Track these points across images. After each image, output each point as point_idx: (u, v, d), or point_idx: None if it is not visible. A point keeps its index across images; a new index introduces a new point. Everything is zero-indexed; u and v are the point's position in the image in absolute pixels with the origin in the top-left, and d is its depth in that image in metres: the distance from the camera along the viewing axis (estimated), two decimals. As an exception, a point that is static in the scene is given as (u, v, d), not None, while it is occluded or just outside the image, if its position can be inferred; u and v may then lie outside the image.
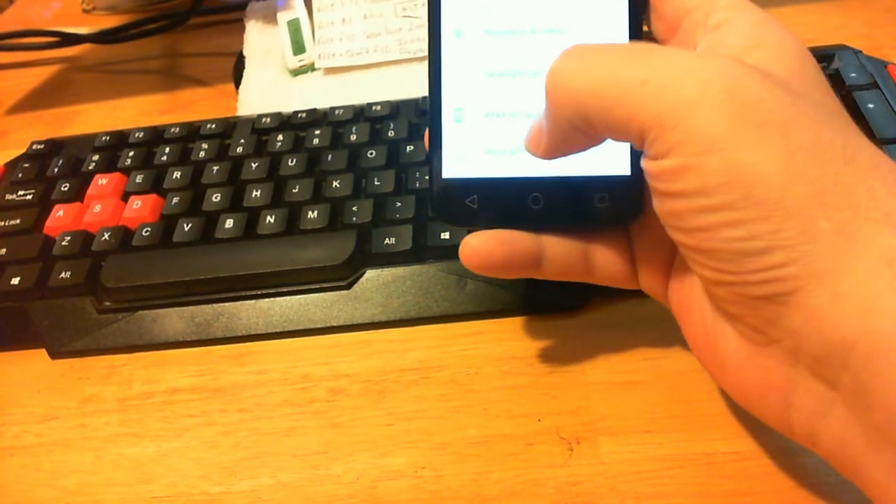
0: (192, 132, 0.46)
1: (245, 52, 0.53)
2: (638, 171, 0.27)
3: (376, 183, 0.40)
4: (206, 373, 0.36)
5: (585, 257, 0.29)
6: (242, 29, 0.56)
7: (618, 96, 0.23)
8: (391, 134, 0.42)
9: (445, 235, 0.37)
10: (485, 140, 0.29)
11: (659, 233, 0.28)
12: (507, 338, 0.35)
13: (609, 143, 0.27)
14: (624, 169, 0.29)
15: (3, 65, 0.67)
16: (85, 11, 0.73)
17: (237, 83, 0.53)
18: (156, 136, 0.46)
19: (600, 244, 0.29)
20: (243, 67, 0.53)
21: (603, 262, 0.29)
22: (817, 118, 0.22)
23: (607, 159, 0.29)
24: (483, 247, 0.28)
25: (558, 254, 0.29)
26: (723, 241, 0.22)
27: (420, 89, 0.44)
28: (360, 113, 0.45)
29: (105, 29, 0.65)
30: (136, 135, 0.46)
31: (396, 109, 0.44)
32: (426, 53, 0.30)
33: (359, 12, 0.50)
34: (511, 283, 0.35)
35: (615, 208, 0.29)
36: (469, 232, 0.29)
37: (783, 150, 0.21)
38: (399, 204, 0.38)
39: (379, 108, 0.44)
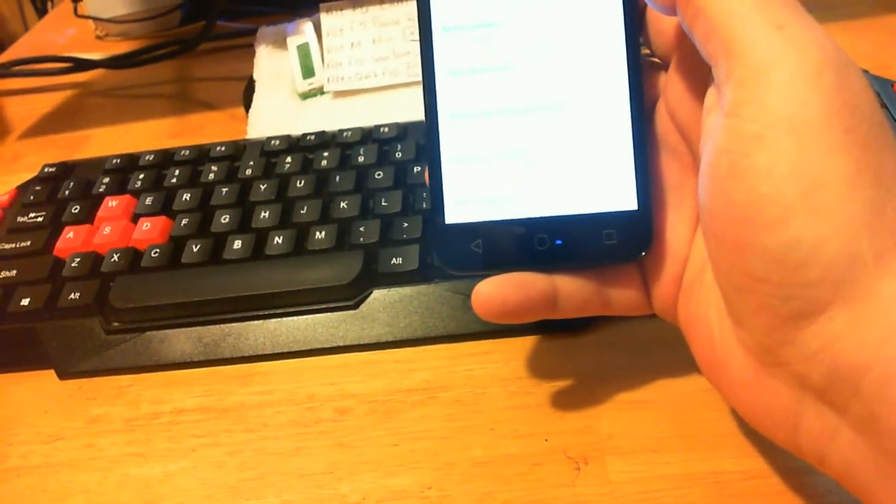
0: (201, 155, 0.46)
1: (255, 77, 0.54)
2: (645, 203, 0.28)
3: (384, 204, 0.40)
4: (213, 393, 0.36)
5: (600, 291, 0.29)
6: (252, 54, 0.57)
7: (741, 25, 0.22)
8: (399, 155, 0.43)
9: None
10: (487, 182, 0.29)
11: (666, 252, 0.28)
12: (514, 358, 0.35)
13: (613, 175, 0.27)
14: (630, 203, 0.28)
15: (17, 90, 0.68)
16: (98, 38, 0.74)
17: (247, 107, 0.54)
18: (166, 158, 0.47)
19: (613, 276, 0.29)
20: (253, 91, 0.54)
21: (618, 293, 0.29)
22: (885, 140, 0.22)
23: (613, 194, 0.28)
24: (497, 293, 0.27)
25: (572, 291, 0.28)
26: (768, 239, 0.21)
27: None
28: (368, 135, 0.45)
29: (117, 54, 0.66)
30: (147, 157, 0.47)
31: (404, 131, 0.45)
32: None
33: (367, 36, 0.51)
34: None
35: (624, 243, 0.28)
36: (478, 279, 0.28)
37: (857, 163, 0.21)
38: (406, 224, 0.38)
39: (387, 129, 0.45)
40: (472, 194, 0.29)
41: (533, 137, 0.29)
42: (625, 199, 0.28)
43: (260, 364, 0.37)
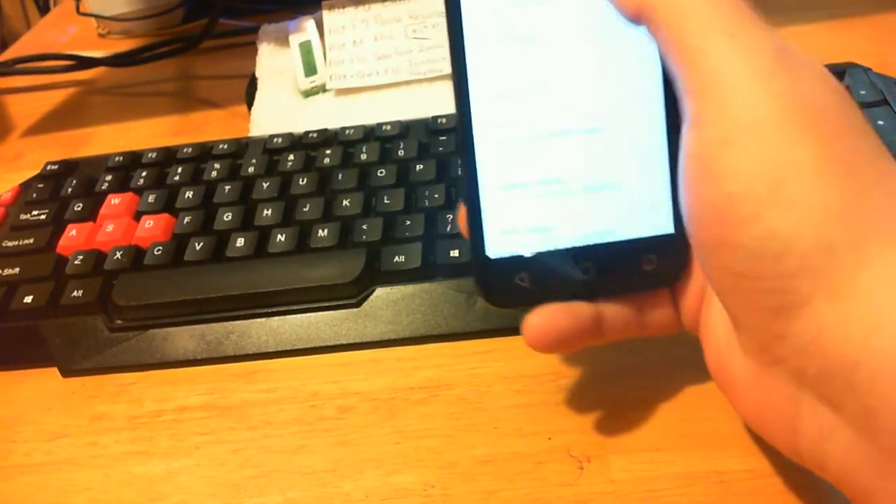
0: (204, 152, 0.46)
1: (257, 74, 0.54)
2: (681, 226, 0.27)
3: (386, 201, 0.40)
4: (217, 391, 0.36)
5: (638, 314, 0.28)
6: (255, 52, 0.57)
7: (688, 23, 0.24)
8: (401, 153, 0.43)
9: (455, 253, 0.37)
10: (528, 211, 0.27)
11: (693, 270, 0.28)
12: (517, 356, 0.34)
13: (651, 199, 0.27)
14: (668, 227, 0.27)
15: (19, 88, 0.68)
16: (101, 36, 0.74)
17: (249, 105, 0.54)
18: (168, 156, 0.47)
19: (648, 298, 0.29)
20: (255, 89, 0.54)
21: (653, 315, 0.29)
22: (857, 131, 0.22)
23: (652, 219, 0.27)
24: (550, 323, 0.27)
25: (616, 317, 0.28)
26: (743, 235, 0.22)
27: (429, 108, 0.44)
28: (371, 133, 0.45)
29: (119, 52, 0.66)
30: (149, 155, 0.47)
31: (406, 129, 0.45)
32: (435, 73, 0.29)
33: (369, 34, 0.51)
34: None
35: (664, 268, 0.28)
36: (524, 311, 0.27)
37: (825, 155, 0.21)
38: (408, 222, 0.38)
39: (389, 127, 0.45)
40: (513, 225, 0.27)
41: (572, 162, 0.27)
42: (663, 222, 0.27)
43: (263, 362, 0.37)
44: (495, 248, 0.28)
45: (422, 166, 0.41)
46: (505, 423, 0.32)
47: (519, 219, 0.28)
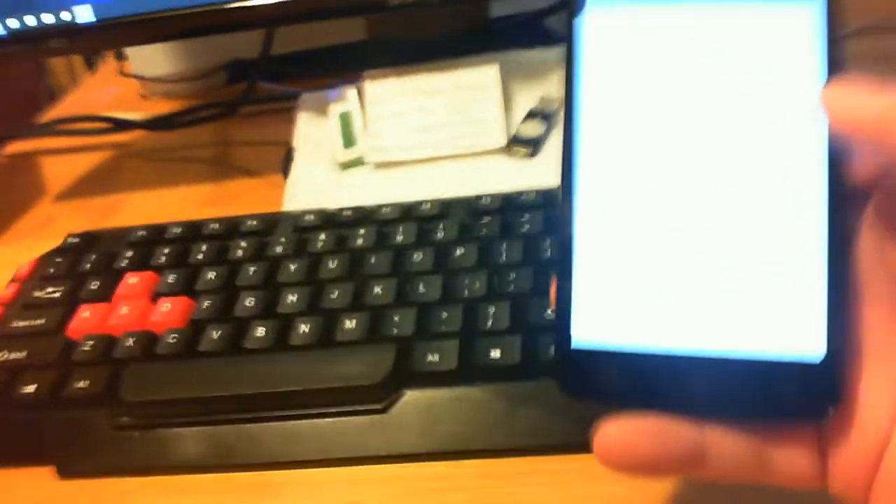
0: (231, 228, 0.43)
1: (294, 144, 0.51)
2: (835, 352, 0.21)
3: (421, 290, 0.36)
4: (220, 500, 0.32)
5: (761, 452, 0.23)
6: (294, 118, 0.54)
7: None
8: (440, 235, 0.39)
9: (496, 354, 0.33)
10: (631, 299, 0.23)
11: (859, 419, 0.22)
12: (570, 479, 0.30)
13: (796, 312, 0.22)
14: (816, 349, 0.22)
15: (57, 150, 0.66)
16: (142, 97, 0.73)
17: (286, 174, 0.51)
18: (193, 231, 0.44)
19: (780, 437, 0.23)
20: (292, 160, 0.51)
21: (783, 459, 0.23)
22: None
23: (794, 336, 0.22)
24: (627, 439, 0.22)
25: (727, 448, 0.22)
26: None
27: (472, 186, 0.41)
28: (408, 212, 0.41)
29: (157, 116, 0.64)
30: (174, 230, 0.44)
31: (447, 208, 0.41)
32: (478, 148, 0.25)
33: (412, 106, 0.48)
34: (574, 411, 0.30)
35: (803, 400, 0.22)
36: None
37: None
38: (445, 314, 0.34)
39: (429, 206, 0.41)
40: (610, 312, 0.23)
41: (697, 252, 0.23)
42: (809, 343, 0.22)
43: (276, 473, 0.32)
44: (584, 334, 0.23)
45: (462, 250, 0.38)
46: (550, 564, 0.27)
47: (618, 305, 0.23)
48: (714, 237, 0.22)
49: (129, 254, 0.43)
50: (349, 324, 0.35)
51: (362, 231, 0.40)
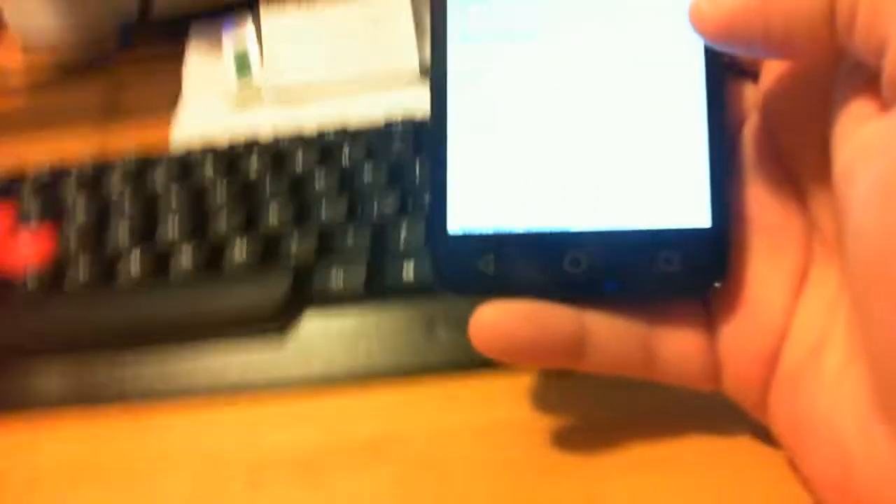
0: (105, 166, 0.38)
1: (183, 81, 0.46)
2: (721, 221, 0.21)
3: (324, 211, 0.32)
4: (88, 442, 0.27)
5: (646, 344, 0.22)
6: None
7: None
8: (345, 161, 0.35)
9: (410, 274, 0.29)
10: (506, 181, 0.22)
11: (752, 314, 0.21)
12: (493, 401, 0.26)
13: (678, 182, 0.21)
14: (700, 218, 0.21)
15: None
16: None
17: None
18: (63, 171, 0.38)
19: (667, 326, 0.22)
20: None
21: (671, 351, 0.22)
22: None
23: (676, 205, 0.21)
24: (503, 323, 0.21)
25: (609, 339, 0.21)
26: None
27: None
28: (311, 141, 0.37)
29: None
30: (41, 171, 0.38)
31: (353, 136, 0.37)
32: (391, 78, 0.24)
33: (315, 35, 0.44)
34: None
35: (688, 273, 0.21)
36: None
37: None
38: (351, 236, 0.30)
39: (332, 135, 0.37)
40: (485, 196, 0.22)
41: (569, 128, 0.22)
42: (692, 212, 0.21)
43: (155, 410, 0.28)
44: (457, 220, 0.22)
45: (370, 172, 0.33)
46: (475, 491, 0.24)
47: (492, 188, 0.22)
48: (591, 116, 0.22)
49: (-11, 191, 0.37)
50: (239, 250, 0.31)
51: (255, 158, 0.36)
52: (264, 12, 0.45)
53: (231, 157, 0.36)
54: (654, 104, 0.22)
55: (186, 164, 0.36)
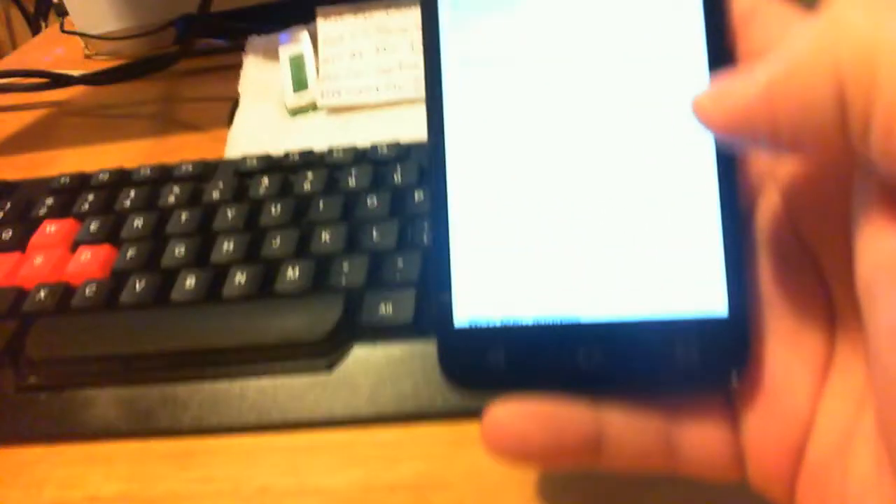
0: (163, 174, 0.39)
1: (240, 90, 0.47)
2: (739, 309, 0.20)
3: (375, 237, 0.32)
4: (139, 477, 0.27)
5: (667, 436, 0.20)
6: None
7: None
8: (397, 179, 0.35)
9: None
10: (514, 270, 0.21)
11: (777, 405, 0.19)
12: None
13: (692, 270, 0.20)
14: (718, 304, 0.20)
15: (-11, 107, 0.61)
16: (87, 57, 0.68)
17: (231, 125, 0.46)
18: (122, 178, 0.39)
19: (688, 415, 0.20)
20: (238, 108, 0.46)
21: (693, 442, 0.20)
22: None
23: (691, 294, 0.20)
24: (517, 426, 0.20)
25: (627, 433, 0.20)
26: None
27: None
28: (363, 156, 0.37)
29: (97, 70, 0.59)
30: (100, 177, 0.39)
31: (406, 152, 0.37)
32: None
33: (370, 46, 0.43)
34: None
35: (707, 363, 0.20)
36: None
37: None
38: (401, 263, 0.30)
39: (385, 150, 0.37)
40: (491, 282, 0.21)
41: (581, 215, 0.21)
42: (710, 298, 0.20)
43: (202, 440, 0.28)
44: (464, 312, 0.21)
45: (421, 195, 0.33)
46: (517, 541, 0.23)
47: (500, 278, 0.21)
48: (603, 200, 0.21)
49: (49, 201, 0.38)
50: (291, 273, 0.31)
51: (310, 175, 0.36)
52: (321, 24, 0.45)
53: (285, 173, 0.36)
54: (667, 186, 0.21)
55: (242, 180, 0.37)
